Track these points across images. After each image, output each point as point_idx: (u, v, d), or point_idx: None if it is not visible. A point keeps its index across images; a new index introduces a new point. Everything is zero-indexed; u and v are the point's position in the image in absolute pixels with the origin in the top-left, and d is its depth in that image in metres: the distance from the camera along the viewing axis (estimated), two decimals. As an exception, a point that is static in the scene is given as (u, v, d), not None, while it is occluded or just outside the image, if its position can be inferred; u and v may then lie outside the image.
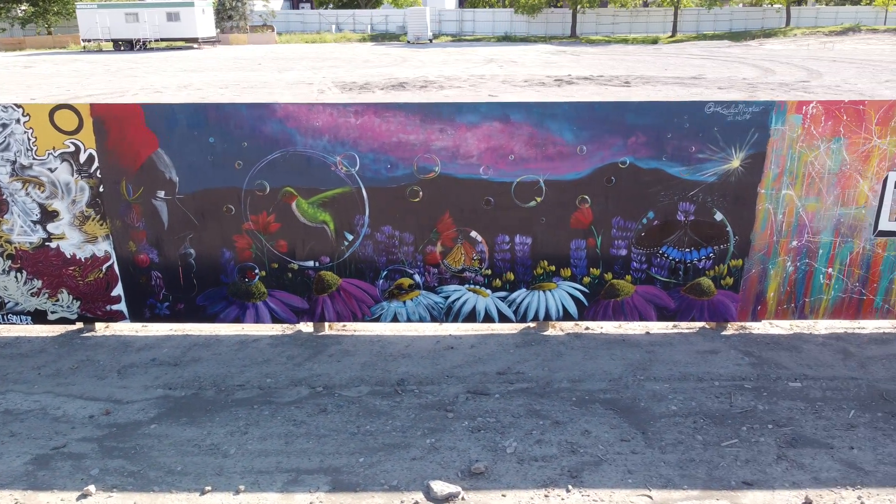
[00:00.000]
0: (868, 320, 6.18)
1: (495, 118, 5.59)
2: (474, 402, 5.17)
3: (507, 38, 59.66)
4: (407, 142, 5.66)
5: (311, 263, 5.99)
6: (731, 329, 6.23)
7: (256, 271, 6.03)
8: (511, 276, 6.02)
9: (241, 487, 4.27)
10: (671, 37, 59.49)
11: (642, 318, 6.12)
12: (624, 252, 5.92)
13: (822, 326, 6.28)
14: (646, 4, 67.50)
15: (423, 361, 5.76)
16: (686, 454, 4.54)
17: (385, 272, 6.03)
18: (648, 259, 5.93)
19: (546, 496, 4.19)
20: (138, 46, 51.17)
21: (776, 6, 63.45)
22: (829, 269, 5.94)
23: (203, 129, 5.63)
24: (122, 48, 51.27)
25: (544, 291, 6.06)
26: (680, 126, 5.57)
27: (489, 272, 6.01)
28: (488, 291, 6.07)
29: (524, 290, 6.06)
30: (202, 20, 50.83)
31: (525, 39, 58.33)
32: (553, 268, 5.99)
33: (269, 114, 5.62)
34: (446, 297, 6.08)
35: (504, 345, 6.03)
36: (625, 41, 55.32)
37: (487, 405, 5.14)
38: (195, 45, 52.86)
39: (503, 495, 4.20)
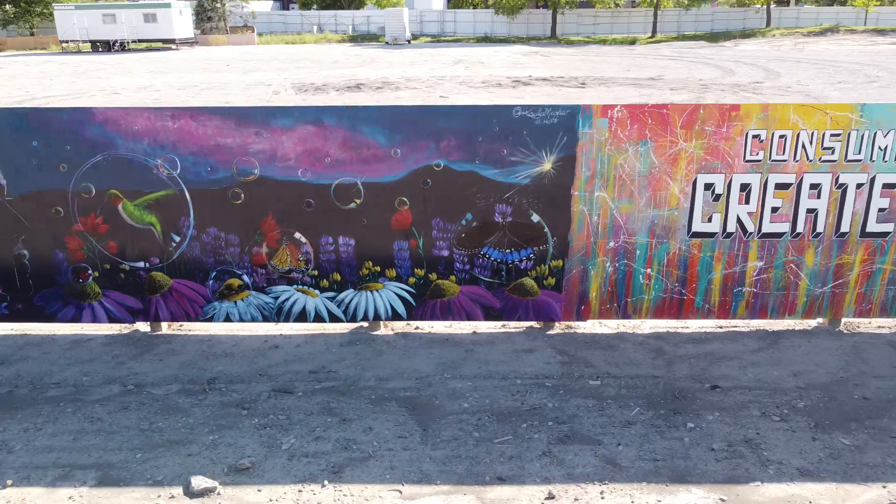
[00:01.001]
0: (693, 320, 6.28)
1: (308, 122, 5.70)
2: (274, 401, 5.28)
3: (486, 39, 59.78)
4: (225, 145, 5.76)
5: (141, 264, 6.10)
6: (558, 328, 6.34)
7: (90, 272, 6.13)
8: (338, 276, 6.13)
9: (10, 482, 4.37)
10: (651, 37, 59.64)
11: (469, 317, 6.23)
12: (446, 253, 6.03)
13: (648, 326, 6.40)
14: (632, 4, 67.63)
15: (242, 360, 5.87)
16: (455, 451, 4.65)
17: (214, 273, 6.13)
18: (471, 260, 6.05)
19: (300, 491, 4.30)
20: (116, 47, 51.18)
21: (755, 7, 63.62)
22: (648, 270, 6.06)
23: (26, 134, 5.72)
24: (100, 49, 51.30)
25: (371, 292, 6.17)
26: (490, 129, 5.68)
27: (316, 273, 6.12)
28: (317, 292, 6.18)
29: (352, 290, 6.17)
30: (179, 21, 50.89)
31: (505, 40, 58.45)
32: (378, 268, 6.10)
33: (90, 118, 5.72)
34: (276, 298, 6.19)
35: (329, 344, 6.14)
36: (604, 42, 55.48)
37: (286, 403, 5.24)
38: (173, 47, 52.91)
39: (259, 490, 4.31)
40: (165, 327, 6.51)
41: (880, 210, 5.85)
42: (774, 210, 5.87)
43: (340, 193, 5.89)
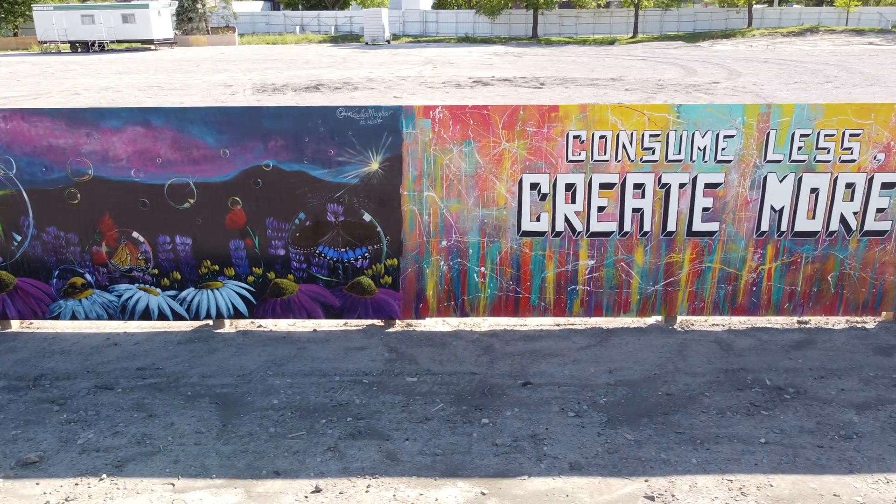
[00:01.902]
0: (533, 318, 6.37)
1: (137, 123, 5.79)
2: (92, 397, 5.36)
3: (467, 40, 59.83)
4: (57, 146, 5.84)
5: (-16, 263, 6.17)
6: (399, 326, 6.43)
7: (-65, 271, 6.19)
8: (178, 275, 6.21)
9: None
10: (632, 38, 59.72)
11: (310, 315, 6.31)
12: (282, 252, 6.11)
13: (488, 324, 6.49)
14: (608, 5, 67.71)
15: (76, 358, 5.95)
16: (245, 445, 4.73)
17: (57, 271, 6.21)
18: (307, 259, 6.13)
19: (76, 484, 4.38)
20: (95, 48, 51.19)
21: (736, 7, 63.72)
22: (482, 269, 6.15)
23: None
24: (80, 50, 51.31)
25: (212, 290, 6.25)
26: (316, 130, 5.77)
27: (156, 272, 6.20)
28: (158, 290, 6.26)
29: (193, 288, 6.25)
30: (158, 22, 50.92)
31: (486, 40, 58.52)
32: (217, 267, 6.18)
33: (-77, 119, 5.79)
34: (119, 296, 6.27)
35: (168, 342, 6.22)
36: (584, 42, 55.56)
37: (103, 399, 5.32)
38: (152, 47, 52.93)
39: (37, 483, 4.39)
40: (17, 325, 6.58)
41: (704, 209, 5.94)
42: (601, 209, 5.96)
43: (174, 193, 5.97)
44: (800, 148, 5.74)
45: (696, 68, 31.99)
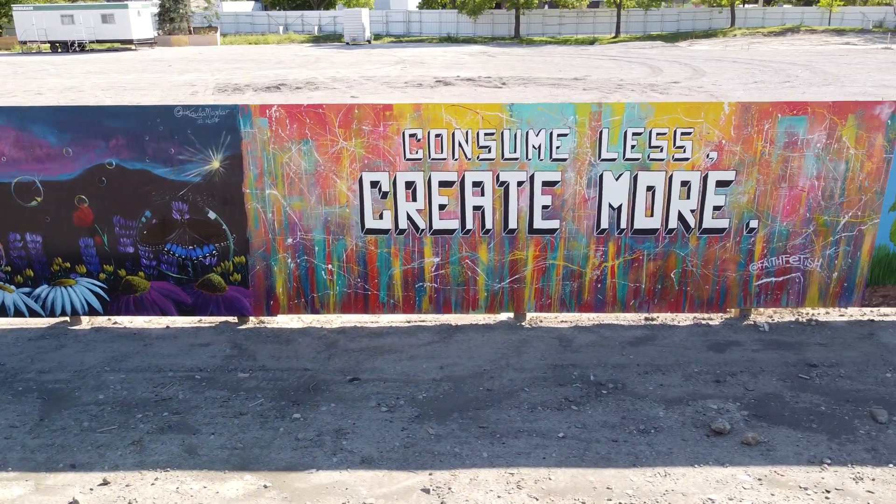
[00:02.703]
0: (386, 314, 6.43)
1: (-22, 121, 5.83)
2: (-78, 393, 5.40)
3: (449, 40, 59.89)
4: None
5: None
6: (252, 323, 6.49)
7: None
8: (31, 272, 6.27)
9: None
10: (615, 37, 59.81)
11: (164, 312, 6.37)
12: (132, 249, 6.17)
13: (340, 321, 6.55)
14: (595, 5, 67.79)
15: (-79, 354, 5.99)
16: (52, 440, 4.79)
17: (-90, 269, 6.25)
18: (157, 256, 6.19)
19: None
20: (75, 48, 51.19)
21: (718, 7, 63.81)
22: (329, 266, 6.21)
23: None
24: (60, 50, 51.31)
25: (65, 287, 6.31)
26: (156, 129, 5.83)
27: (9, 269, 6.25)
28: (13, 287, 6.31)
29: (47, 286, 6.31)
30: (137, 22, 50.92)
31: (469, 40, 58.57)
32: (68, 265, 6.23)
33: None
34: (-27, 294, 6.31)
35: (20, 338, 6.27)
36: (565, 42, 55.61)
37: (-69, 395, 5.36)
38: (132, 47, 52.94)
39: None
40: None
41: (544, 207, 6.01)
42: (442, 207, 6.03)
43: (21, 191, 6.03)
44: (633, 146, 5.81)
45: (663, 68, 32.07)
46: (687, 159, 5.84)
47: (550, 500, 4.17)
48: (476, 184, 5.94)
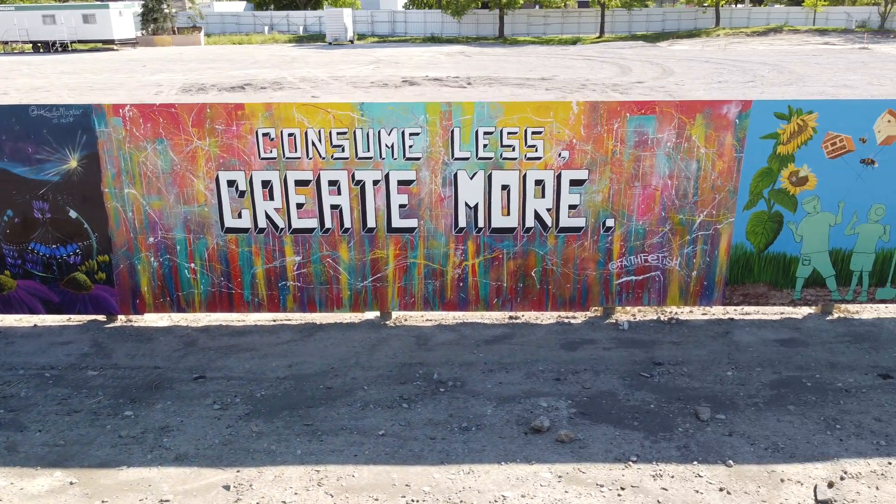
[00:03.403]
0: (254, 313, 6.45)
1: None
2: None
3: (433, 40, 59.89)
4: None
5: None
6: (121, 321, 6.51)
7: None
8: None
9: None
10: (598, 37, 59.85)
11: (32, 311, 6.39)
12: (-5, 248, 6.18)
13: (209, 319, 6.57)
14: (584, 5, 67.77)
15: None
16: None
17: None
18: (21, 255, 6.20)
19: None
20: (56, 48, 51.16)
21: (701, 7, 63.88)
22: (192, 265, 6.23)
23: None
24: (42, 50, 51.28)
25: (-69, 286, 6.31)
26: (12, 128, 5.85)
27: None
28: None
29: (-88, 285, 6.31)
30: (119, 22, 50.89)
31: (453, 40, 58.58)
32: (-67, 264, 6.24)
33: None
34: None
35: None
36: (549, 42, 55.63)
37: None
38: (114, 47, 52.93)
39: None
40: None
41: (401, 206, 6.04)
42: (300, 206, 6.05)
43: None
44: (485, 145, 5.84)
45: (633, 68, 32.11)
46: (539, 158, 5.87)
47: (346, 497, 4.19)
48: (332, 183, 5.97)
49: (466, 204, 6.00)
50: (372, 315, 6.53)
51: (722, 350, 5.83)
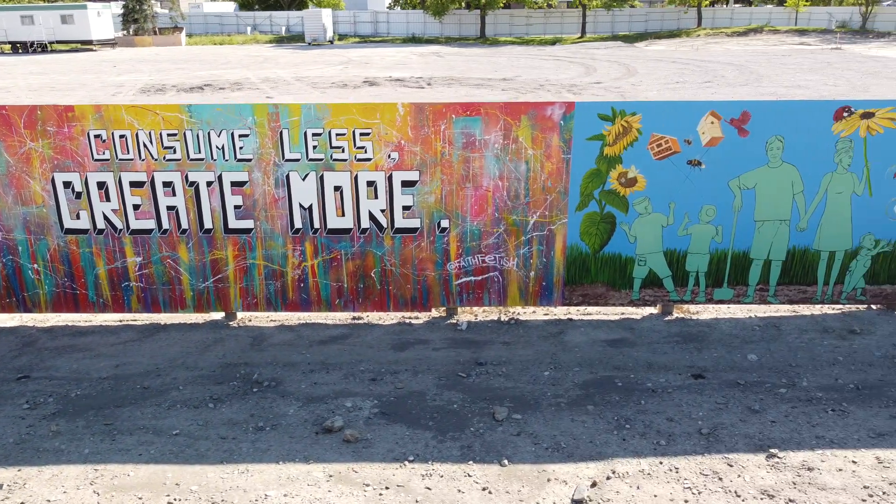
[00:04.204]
0: (103, 314, 6.48)
1: None
2: None
3: (414, 40, 59.93)
4: None
5: None
6: (-33, 322, 6.53)
7: None
8: None
9: None
10: (580, 37, 59.91)
11: None
12: None
13: (55, 319, 6.60)
14: (571, 5, 67.81)
15: None
16: None
17: None
18: None
19: None
20: (35, 48, 51.13)
21: (684, 7, 63.98)
22: (35, 265, 6.26)
23: None
24: (21, 50, 51.24)
25: None
26: None
27: None
28: None
29: None
30: (97, 22, 50.87)
31: (433, 41, 58.61)
32: None
33: None
34: None
35: None
36: (529, 42, 55.68)
37: None
38: (93, 48, 52.90)
39: None
40: None
41: (236, 207, 6.07)
42: (136, 207, 6.08)
43: None
44: (315, 147, 5.88)
45: (598, 68, 32.17)
46: (369, 159, 5.91)
47: (111, 495, 4.23)
48: (167, 184, 6.00)
49: (300, 205, 6.04)
50: (218, 316, 6.56)
51: (548, 350, 5.87)
